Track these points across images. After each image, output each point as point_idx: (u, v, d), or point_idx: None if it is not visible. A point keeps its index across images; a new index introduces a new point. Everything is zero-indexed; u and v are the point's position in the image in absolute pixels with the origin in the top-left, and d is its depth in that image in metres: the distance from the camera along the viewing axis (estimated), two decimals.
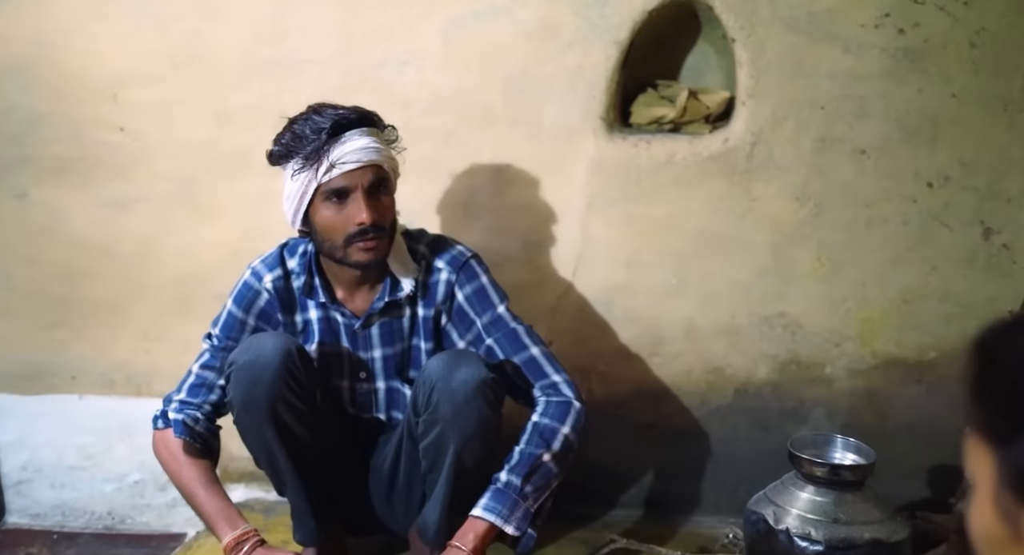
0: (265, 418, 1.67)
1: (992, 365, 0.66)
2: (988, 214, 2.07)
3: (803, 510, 1.49)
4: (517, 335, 1.80)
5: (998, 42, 2.01)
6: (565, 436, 1.73)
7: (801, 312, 2.14)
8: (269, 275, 1.84)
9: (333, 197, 1.69)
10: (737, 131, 2.10)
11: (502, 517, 1.66)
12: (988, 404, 0.65)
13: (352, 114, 1.70)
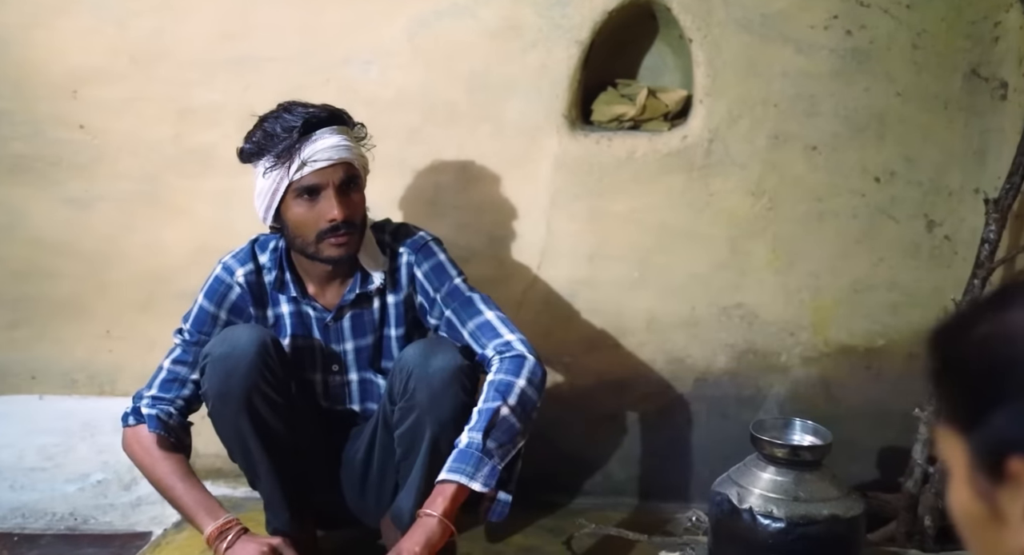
0: (240, 409, 1.69)
1: (950, 358, 0.70)
2: (931, 207, 2.17)
3: (765, 489, 1.57)
4: (472, 302, 1.82)
5: (938, 43, 2.12)
6: (521, 389, 1.69)
7: (757, 303, 2.22)
8: (241, 269, 1.86)
9: (305, 194, 1.71)
10: (695, 128, 2.17)
11: (467, 475, 1.63)
12: (952, 395, 0.70)
13: (322, 112, 1.73)
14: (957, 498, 0.70)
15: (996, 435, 0.64)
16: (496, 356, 1.75)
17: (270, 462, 1.77)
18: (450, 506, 1.63)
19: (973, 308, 0.71)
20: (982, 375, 0.66)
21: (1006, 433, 0.63)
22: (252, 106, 2.23)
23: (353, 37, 2.23)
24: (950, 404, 0.70)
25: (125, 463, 2.42)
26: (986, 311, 0.68)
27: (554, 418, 2.30)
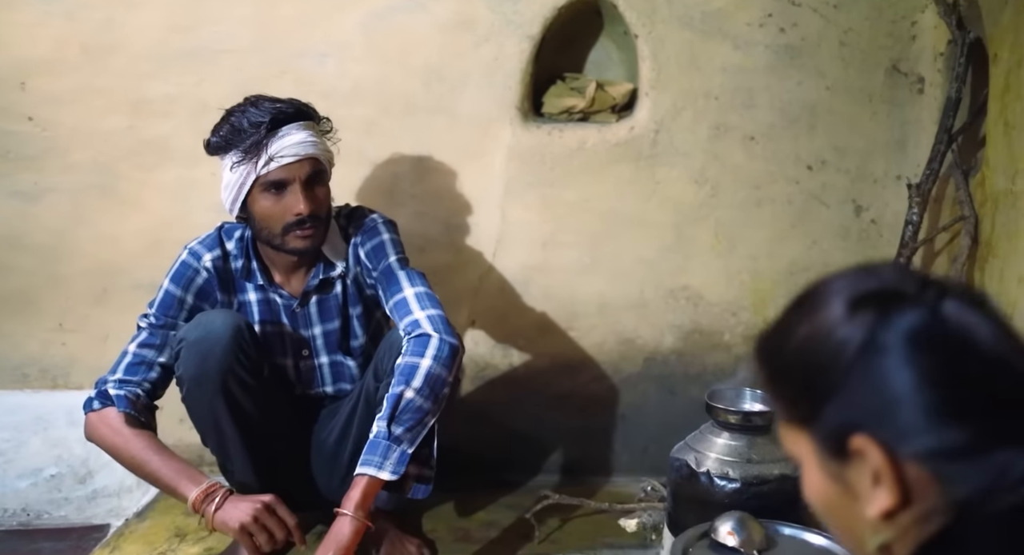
0: (216, 392, 1.72)
1: (778, 366, 0.77)
2: (859, 193, 2.33)
3: (720, 454, 1.68)
4: (397, 279, 1.84)
5: (863, 41, 2.28)
6: (427, 369, 1.69)
7: (702, 285, 2.35)
8: (208, 255, 1.88)
9: (271, 188, 1.75)
10: (641, 120, 2.29)
11: (375, 466, 1.66)
12: (787, 397, 0.77)
13: (289, 108, 1.77)
14: (813, 487, 0.77)
15: (834, 422, 0.72)
16: (405, 337, 1.77)
17: (244, 444, 1.80)
18: (362, 500, 1.66)
19: (786, 315, 0.78)
20: (810, 374, 0.73)
21: (843, 418, 0.71)
22: (207, 98, 2.27)
23: (308, 30, 2.27)
24: (787, 405, 0.77)
25: (79, 456, 2.42)
26: (798, 315, 0.76)
27: (510, 399, 2.39)
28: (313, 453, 2.00)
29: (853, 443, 0.70)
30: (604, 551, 2.01)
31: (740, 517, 1.44)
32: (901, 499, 0.69)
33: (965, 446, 0.67)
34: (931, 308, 0.69)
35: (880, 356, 0.69)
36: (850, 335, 0.70)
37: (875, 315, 0.70)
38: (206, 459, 2.43)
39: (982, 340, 0.69)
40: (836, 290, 0.74)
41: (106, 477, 2.43)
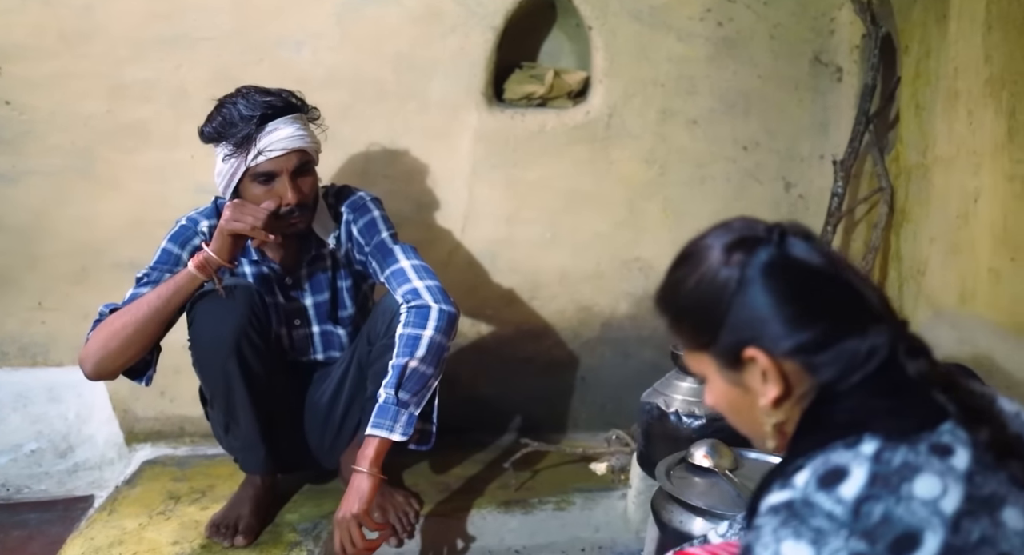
0: (231, 352, 1.84)
1: (677, 309, 1.00)
2: (788, 171, 2.60)
3: (686, 395, 1.90)
4: (393, 252, 1.99)
5: (789, 34, 2.54)
6: (429, 339, 1.83)
7: (652, 256, 2.57)
8: (206, 222, 1.99)
9: (261, 179, 1.87)
10: (596, 105, 2.50)
11: (387, 429, 1.80)
12: (689, 332, 1.00)
13: (279, 102, 1.88)
14: (717, 394, 1.00)
15: (728, 342, 0.94)
16: (404, 305, 1.90)
17: (251, 403, 1.92)
18: (376, 458, 1.81)
19: (674, 271, 1.01)
20: (704, 310, 0.96)
21: (734, 338, 0.94)
22: (186, 84, 2.39)
23: (284, 19, 2.39)
24: (690, 337, 1.00)
25: (60, 431, 2.50)
26: (685, 269, 0.99)
27: (478, 365, 2.57)
28: (306, 414, 2.14)
29: (745, 354, 0.93)
30: (575, 495, 2.22)
31: (712, 443, 1.66)
32: (784, 389, 0.93)
33: (820, 341, 0.91)
34: (777, 246, 0.93)
35: (750, 287, 0.92)
36: (728, 275, 0.93)
37: (742, 257, 0.93)
38: (186, 430, 2.56)
39: (815, 263, 0.93)
40: (709, 244, 0.97)
41: (87, 451, 2.51)
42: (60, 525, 2.28)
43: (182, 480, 2.31)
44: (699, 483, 1.61)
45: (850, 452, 0.83)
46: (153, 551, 1.94)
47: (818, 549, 0.78)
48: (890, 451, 0.81)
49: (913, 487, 0.79)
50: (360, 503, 1.77)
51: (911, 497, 0.79)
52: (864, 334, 0.90)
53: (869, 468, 0.81)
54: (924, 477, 0.80)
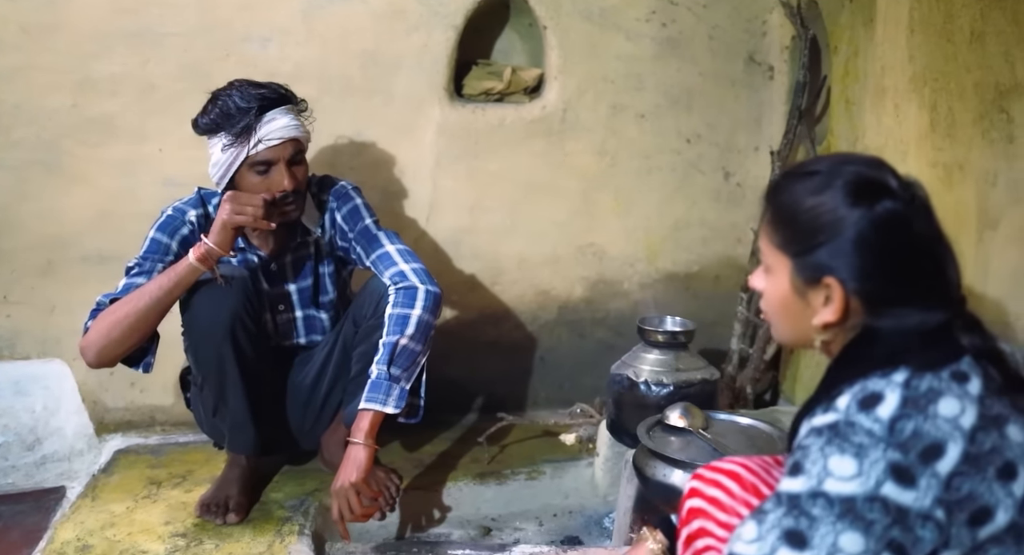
0: (226, 336, 1.92)
1: (784, 215, 1.09)
2: (727, 162, 2.80)
3: (653, 366, 2.07)
4: (377, 238, 2.10)
5: (726, 36, 2.74)
6: (418, 318, 1.95)
7: (605, 242, 2.74)
8: (192, 211, 2.05)
9: (259, 168, 1.96)
10: (551, 100, 2.65)
11: (380, 403, 1.92)
12: (785, 235, 1.10)
13: (272, 93, 1.97)
14: (777, 292, 1.12)
15: (819, 262, 1.07)
16: (392, 286, 2.02)
17: (243, 385, 2.00)
18: (371, 430, 1.93)
19: (798, 179, 1.09)
20: (812, 230, 1.07)
21: (825, 262, 1.07)
22: (153, 78, 2.44)
23: (250, 16, 2.45)
24: (784, 239, 1.10)
25: (27, 425, 2.52)
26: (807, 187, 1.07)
27: (443, 348, 2.65)
28: (288, 396, 2.22)
29: (826, 280, 1.07)
30: (544, 465, 2.36)
31: (685, 406, 1.83)
32: (839, 318, 1.07)
33: (890, 297, 1.06)
34: (904, 202, 1.05)
35: (859, 231, 1.05)
36: (845, 215, 1.05)
37: (866, 203, 1.05)
38: (157, 419, 2.60)
39: (921, 233, 1.06)
40: (841, 174, 1.07)
41: (55, 443, 2.52)
42: (35, 515, 2.29)
43: (159, 466, 2.35)
44: (675, 441, 1.78)
45: (884, 380, 0.99)
46: (147, 531, 2.00)
47: (860, 461, 0.94)
48: (918, 379, 0.98)
49: (938, 408, 0.96)
50: (358, 472, 1.88)
51: (936, 415, 0.95)
52: (926, 308, 1.04)
53: (901, 393, 0.97)
54: (946, 399, 0.96)
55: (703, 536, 1.22)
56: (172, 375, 2.55)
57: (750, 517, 1.00)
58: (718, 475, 1.26)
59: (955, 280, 1.07)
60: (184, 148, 2.45)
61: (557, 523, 2.26)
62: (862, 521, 0.93)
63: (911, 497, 0.93)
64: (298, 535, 2.00)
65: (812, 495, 0.96)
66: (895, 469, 0.93)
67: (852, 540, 0.93)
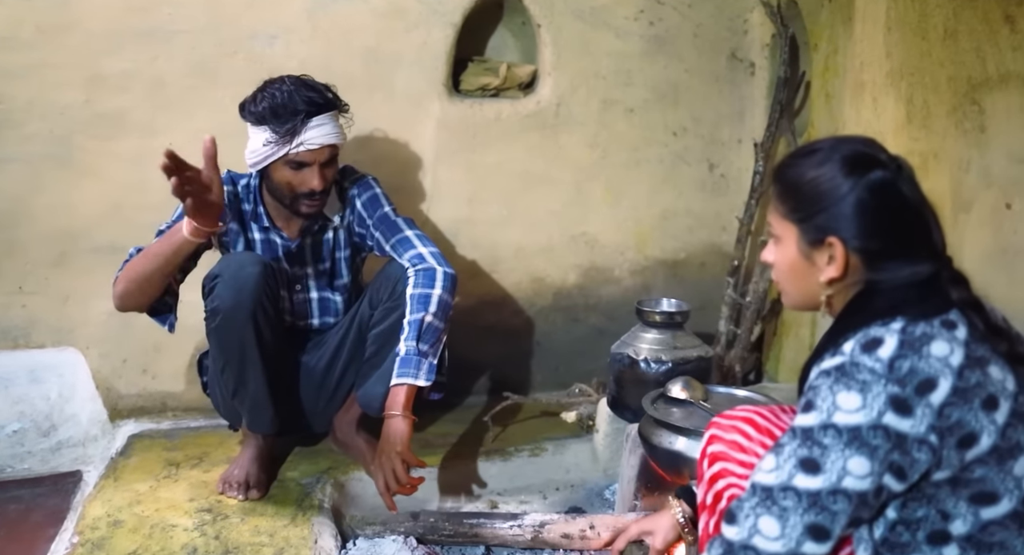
0: (248, 319, 2.01)
1: (790, 187, 1.25)
2: (711, 154, 2.94)
3: (652, 345, 2.20)
4: (396, 224, 2.22)
5: (710, 34, 2.88)
6: (439, 297, 2.07)
7: (597, 231, 2.87)
8: (224, 187, 2.14)
9: (294, 165, 2.07)
10: (545, 95, 2.77)
11: (412, 376, 2.02)
12: (791, 205, 1.25)
13: (320, 99, 2.08)
14: (784, 255, 1.27)
15: (821, 225, 1.22)
16: (411, 268, 2.13)
17: (262, 367, 2.09)
18: (406, 403, 2.04)
19: (801, 157, 1.25)
20: (813, 198, 1.22)
21: (827, 224, 1.21)
22: (163, 75, 2.52)
23: (257, 14, 2.54)
24: (790, 208, 1.25)
25: (42, 411, 2.59)
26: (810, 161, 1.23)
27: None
28: (301, 378, 2.32)
29: (829, 240, 1.21)
30: (546, 442, 2.48)
31: (686, 379, 1.96)
32: (842, 274, 1.21)
33: (885, 253, 1.20)
34: (892, 172, 1.21)
35: (856, 196, 1.19)
36: (843, 182, 1.20)
37: (860, 171, 1.20)
38: (169, 405, 2.68)
39: (909, 197, 1.21)
40: (838, 149, 1.23)
41: (70, 429, 2.59)
42: (55, 498, 2.37)
43: (175, 449, 2.44)
44: (677, 412, 1.91)
45: (884, 328, 1.12)
46: (173, 507, 2.09)
47: (864, 395, 1.07)
48: (912, 326, 1.11)
49: (930, 349, 1.09)
50: (401, 443, 1.98)
51: (929, 355, 1.09)
52: (916, 261, 1.19)
53: (899, 337, 1.11)
54: (937, 342, 1.10)
55: (724, 476, 1.34)
56: (183, 362, 2.65)
57: (769, 451, 1.14)
58: (735, 421, 1.38)
59: (940, 239, 1.22)
60: (194, 142, 2.52)
61: (560, 496, 2.38)
62: (867, 447, 1.06)
63: (908, 425, 1.07)
64: (318, 509, 2.10)
65: (823, 427, 1.09)
66: (894, 401, 1.07)
67: (859, 464, 1.06)
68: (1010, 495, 1.12)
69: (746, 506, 1.13)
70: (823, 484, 1.08)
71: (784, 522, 1.09)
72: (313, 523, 2.03)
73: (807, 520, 1.08)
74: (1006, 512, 1.12)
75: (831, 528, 1.09)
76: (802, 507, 1.09)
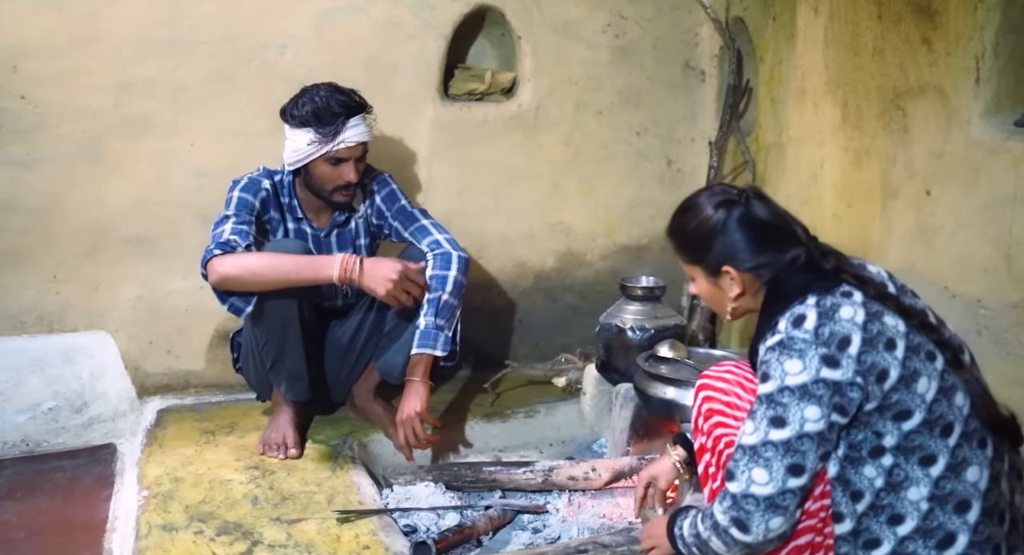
0: (293, 301, 2.30)
1: (681, 239, 1.62)
2: (669, 151, 3.33)
3: (636, 315, 2.57)
4: (414, 215, 2.55)
5: (667, 45, 3.27)
6: (454, 278, 2.39)
7: (572, 220, 3.23)
8: (266, 181, 2.46)
9: (333, 161, 2.38)
10: (526, 99, 3.11)
11: (431, 347, 2.35)
12: (688, 252, 1.61)
13: (352, 102, 2.39)
14: (700, 287, 1.65)
15: (714, 261, 1.57)
16: (429, 253, 2.45)
17: (302, 340, 2.38)
18: (425, 371, 2.37)
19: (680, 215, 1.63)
20: (699, 240, 1.58)
21: (717, 259, 1.57)
22: (185, 81, 2.78)
23: (269, 26, 2.81)
24: (689, 255, 1.62)
25: (75, 390, 2.81)
26: (688, 215, 1.60)
27: None
28: (326, 352, 2.61)
29: (723, 269, 1.57)
30: (538, 406, 2.83)
31: (672, 342, 2.34)
32: (742, 289, 1.58)
33: (766, 262, 1.55)
34: (745, 204, 1.56)
35: (729, 230, 1.55)
36: (716, 222, 1.56)
37: (724, 211, 1.55)
38: (191, 382, 2.93)
39: (765, 216, 1.57)
40: (704, 202, 1.59)
41: (101, 405, 2.81)
42: (96, 466, 2.60)
43: (205, 420, 2.69)
44: (665, 369, 2.28)
45: (803, 306, 1.47)
46: (223, 466, 2.36)
47: (803, 360, 1.41)
48: (823, 299, 1.46)
49: (840, 314, 1.44)
50: (421, 403, 2.30)
51: (840, 319, 1.44)
52: (790, 250, 1.54)
53: (816, 310, 1.45)
54: (844, 307, 1.45)
55: (714, 415, 1.66)
56: (203, 343, 2.91)
57: (746, 417, 1.47)
58: (719, 370, 1.73)
59: (801, 229, 1.58)
60: (213, 142, 2.81)
61: (554, 451, 2.72)
62: (815, 397, 1.41)
63: (839, 374, 1.41)
64: (352, 463, 2.40)
65: (780, 390, 1.43)
66: (825, 359, 1.42)
67: (812, 411, 1.40)
68: (919, 409, 1.45)
69: (740, 465, 1.44)
70: (791, 433, 1.41)
71: (770, 469, 1.41)
72: (352, 474, 2.33)
73: (786, 462, 1.40)
74: (919, 422, 1.45)
75: (805, 464, 1.41)
76: (780, 454, 1.41)
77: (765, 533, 1.42)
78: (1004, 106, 2.15)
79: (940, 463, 1.44)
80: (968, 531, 1.42)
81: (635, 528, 2.03)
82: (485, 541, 2.13)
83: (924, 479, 1.43)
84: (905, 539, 1.43)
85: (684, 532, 1.56)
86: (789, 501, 1.41)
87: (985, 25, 2.11)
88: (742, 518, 1.43)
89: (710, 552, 1.50)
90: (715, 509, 1.48)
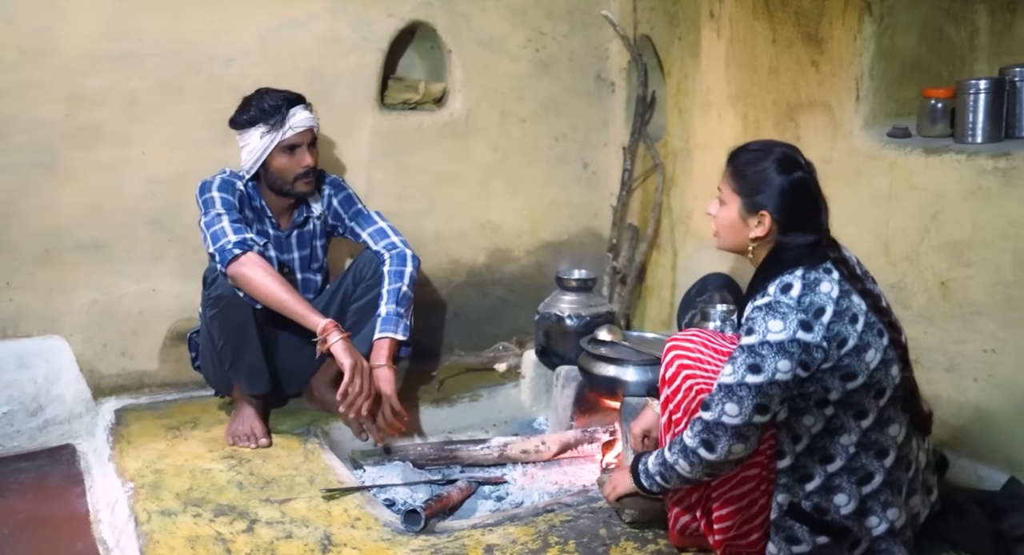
0: (248, 303, 2.47)
1: (738, 174, 1.88)
2: (585, 155, 3.64)
3: (571, 304, 2.85)
4: (371, 217, 2.78)
5: (581, 59, 3.58)
6: (410, 273, 2.65)
7: (500, 219, 3.50)
8: (239, 182, 2.63)
9: (288, 150, 2.57)
10: (457, 108, 3.35)
11: (392, 331, 2.56)
12: (738, 185, 1.88)
13: (292, 95, 2.59)
14: (726, 214, 1.89)
15: (758, 203, 1.86)
16: (386, 252, 2.68)
17: (260, 341, 2.56)
18: (389, 354, 2.57)
19: (752, 151, 1.87)
20: (754, 183, 1.85)
21: (762, 201, 1.85)
22: (136, 92, 2.90)
23: (216, 40, 2.96)
24: (738, 185, 1.86)
25: (30, 394, 2.90)
26: (757, 153, 1.87)
27: None
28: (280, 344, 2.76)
29: (761, 212, 1.84)
30: (481, 390, 3.10)
31: (610, 326, 2.64)
32: (765, 234, 1.87)
33: (794, 225, 1.84)
34: (807, 173, 1.85)
35: (782, 185, 1.82)
36: (775, 178, 1.82)
37: (787, 171, 1.82)
38: (145, 382, 3.04)
39: (814, 190, 1.86)
40: (776, 150, 1.84)
41: (56, 408, 2.89)
42: (60, 465, 2.69)
43: (165, 417, 2.82)
44: (605, 350, 2.58)
45: (791, 276, 1.77)
46: (198, 457, 2.51)
47: (784, 320, 1.71)
48: (808, 273, 1.77)
49: (820, 287, 1.75)
50: (389, 387, 2.51)
51: (820, 292, 1.74)
52: (808, 232, 1.81)
53: (801, 282, 1.76)
54: (824, 282, 1.76)
55: (684, 369, 1.89)
56: (157, 344, 3.03)
57: (727, 362, 1.76)
58: (687, 334, 1.99)
59: (825, 219, 1.88)
60: (163, 150, 2.93)
61: (498, 430, 2.98)
62: (788, 353, 1.71)
63: (811, 337, 1.72)
64: (321, 448, 2.59)
65: (760, 343, 1.73)
66: (802, 323, 1.72)
67: (784, 364, 1.70)
68: (862, 373, 1.76)
69: (716, 398, 1.73)
70: (763, 379, 1.70)
71: (741, 405, 1.71)
72: (324, 458, 2.52)
73: (755, 402, 1.70)
74: (860, 384, 1.76)
75: (770, 405, 1.71)
76: (751, 394, 1.70)
77: (727, 455, 1.72)
78: (879, 119, 2.57)
79: (870, 418, 1.77)
80: (883, 473, 1.77)
81: (591, 490, 2.32)
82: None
83: (855, 429, 1.76)
84: (833, 474, 1.77)
85: (649, 465, 1.84)
86: (751, 433, 1.71)
87: (863, 52, 2.51)
88: (711, 440, 1.72)
89: (673, 476, 1.78)
90: (684, 435, 1.76)
